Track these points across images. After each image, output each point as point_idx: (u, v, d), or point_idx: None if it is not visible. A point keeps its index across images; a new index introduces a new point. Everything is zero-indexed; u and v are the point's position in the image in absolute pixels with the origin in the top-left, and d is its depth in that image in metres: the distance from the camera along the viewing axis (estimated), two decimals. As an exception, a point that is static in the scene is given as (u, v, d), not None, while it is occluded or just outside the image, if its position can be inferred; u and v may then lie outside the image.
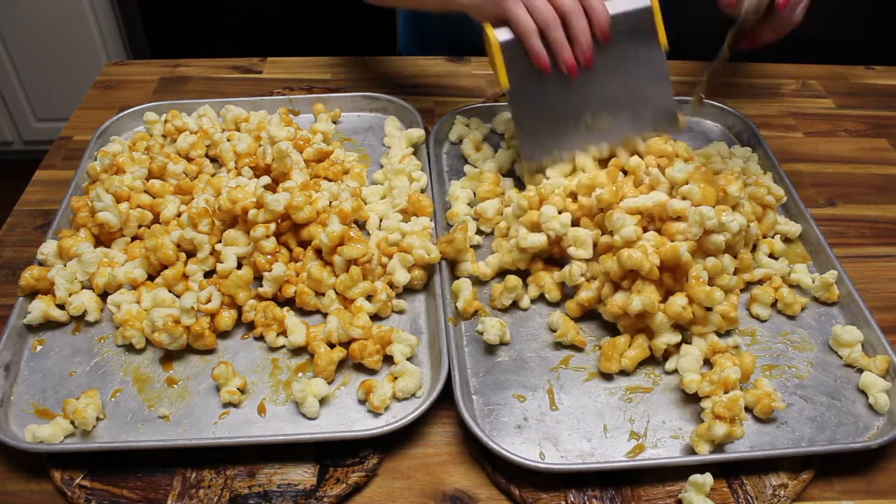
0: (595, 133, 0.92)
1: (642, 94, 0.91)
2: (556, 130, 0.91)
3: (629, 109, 0.91)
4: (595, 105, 0.90)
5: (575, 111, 0.90)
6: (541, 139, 0.91)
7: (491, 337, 0.78)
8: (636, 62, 0.88)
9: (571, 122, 0.91)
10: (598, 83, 0.88)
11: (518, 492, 0.68)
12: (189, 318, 0.77)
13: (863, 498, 0.70)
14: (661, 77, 0.91)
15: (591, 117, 0.91)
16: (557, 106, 0.89)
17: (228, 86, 1.21)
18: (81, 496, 0.67)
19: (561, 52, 0.83)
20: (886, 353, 0.77)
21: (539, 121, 0.90)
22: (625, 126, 0.92)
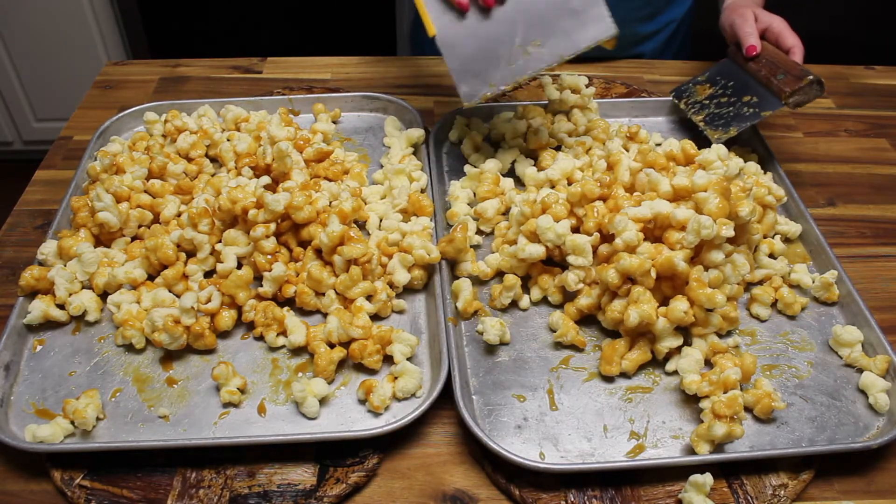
0: (530, 59, 0.89)
1: (568, 9, 0.89)
2: (491, 65, 0.89)
3: (558, 27, 0.89)
4: (523, 31, 0.89)
5: (504, 42, 0.89)
6: (476, 76, 0.89)
7: (491, 337, 0.78)
8: None
9: (504, 53, 0.89)
10: (521, 8, 0.88)
11: (518, 492, 0.68)
12: (189, 318, 0.77)
13: (863, 498, 0.70)
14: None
15: (522, 43, 0.89)
16: (487, 40, 0.89)
17: (228, 86, 1.21)
18: (81, 496, 0.67)
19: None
20: (886, 353, 0.77)
21: (472, 60, 0.89)
22: (558, 45, 0.89)
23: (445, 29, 0.89)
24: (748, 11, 1.04)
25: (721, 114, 1.02)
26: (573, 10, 0.89)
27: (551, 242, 0.82)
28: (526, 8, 0.88)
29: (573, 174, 0.94)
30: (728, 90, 1.04)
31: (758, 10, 1.05)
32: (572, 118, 1.07)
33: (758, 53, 1.01)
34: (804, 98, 0.96)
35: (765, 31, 1.03)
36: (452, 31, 0.89)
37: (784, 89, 0.95)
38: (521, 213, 0.87)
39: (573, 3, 0.89)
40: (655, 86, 1.21)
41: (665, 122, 1.12)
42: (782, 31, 1.02)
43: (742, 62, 1.04)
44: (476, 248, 0.91)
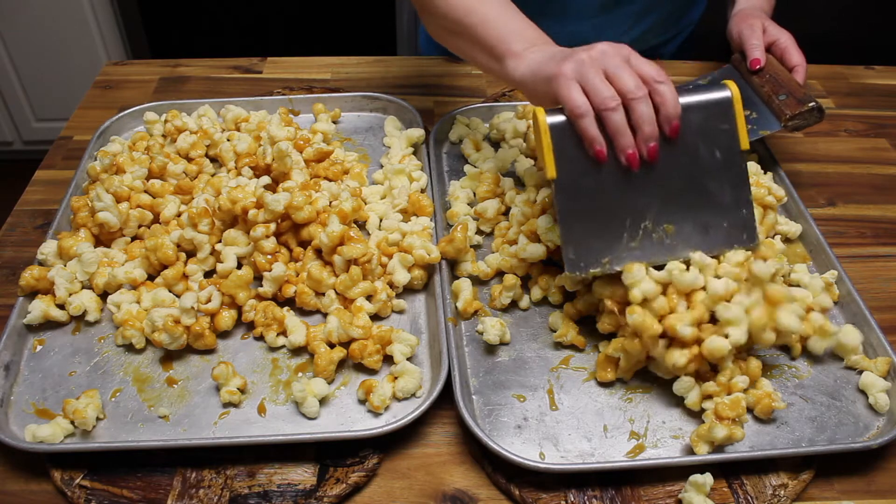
0: (655, 244, 0.75)
1: (715, 201, 0.75)
2: (609, 237, 0.75)
3: (699, 218, 0.75)
4: (657, 210, 0.75)
5: (633, 216, 0.75)
6: (590, 246, 0.75)
7: (491, 337, 0.78)
8: (710, 161, 0.74)
9: (629, 228, 0.75)
10: (662, 184, 0.74)
11: (518, 492, 0.68)
12: (189, 318, 0.77)
13: (863, 498, 0.70)
14: (738, 181, 0.75)
15: (653, 224, 0.75)
16: (612, 208, 0.74)
17: (228, 86, 1.21)
18: (81, 496, 0.67)
19: (620, 139, 0.71)
20: (887, 353, 0.77)
21: (589, 224, 0.74)
22: (692, 239, 0.76)
23: (569, 175, 0.73)
24: (757, 23, 1.04)
25: None
26: (719, 205, 0.75)
27: (551, 242, 0.82)
28: (668, 184, 0.74)
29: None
30: None
31: (767, 22, 1.05)
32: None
33: (762, 67, 1.01)
34: (804, 123, 0.96)
35: (771, 44, 1.03)
36: (576, 181, 0.73)
37: (785, 112, 0.95)
38: (522, 213, 0.86)
39: (722, 198, 0.75)
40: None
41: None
42: (788, 47, 1.01)
43: (745, 72, 1.03)
44: (476, 248, 0.91)
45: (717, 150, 0.74)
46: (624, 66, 0.71)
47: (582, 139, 0.72)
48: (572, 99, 0.71)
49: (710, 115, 0.74)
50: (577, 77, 0.71)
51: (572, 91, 0.71)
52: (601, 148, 0.71)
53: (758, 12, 1.08)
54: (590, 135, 0.71)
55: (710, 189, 0.75)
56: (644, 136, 0.71)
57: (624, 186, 0.74)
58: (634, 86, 0.70)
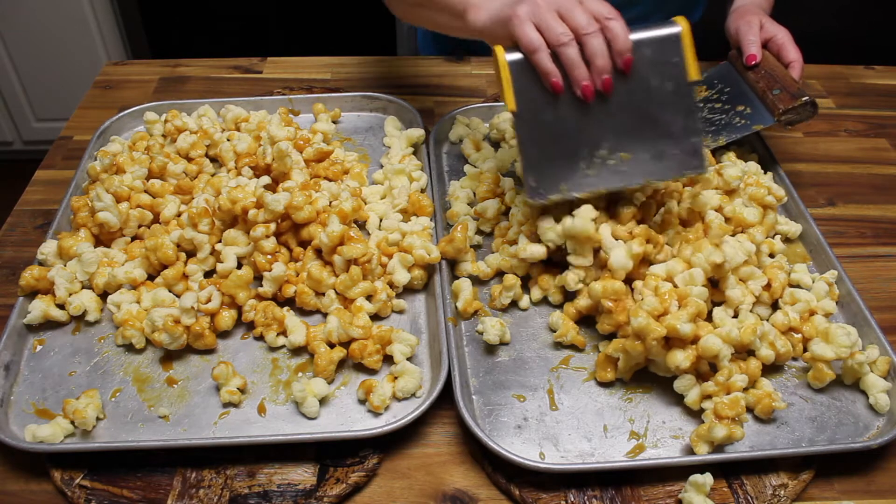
0: (611, 171, 0.80)
1: (667, 131, 0.79)
2: (567, 165, 0.79)
3: (651, 147, 0.80)
4: (613, 139, 0.79)
5: (590, 144, 0.79)
6: (549, 173, 0.79)
7: (491, 337, 0.78)
8: (662, 93, 0.78)
9: (585, 156, 0.79)
10: (617, 115, 0.78)
11: (518, 492, 0.68)
12: (189, 318, 0.77)
13: (863, 498, 0.70)
14: (689, 112, 0.79)
15: (609, 152, 0.79)
16: (570, 137, 0.79)
17: (228, 86, 1.21)
18: (81, 496, 0.67)
19: (574, 71, 0.75)
20: (887, 353, 0.77)
21: (548, 153, 0.79)
22: (645, 165, 0.80)
23: (528, 108, 0.77)
24: (755, 19, 1.04)
25: (713, 120, 1.02)
26: (671, 135, 0.79)
27: (552, 242, 0.82)
28: (622, 115, 0.78)
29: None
30: (723, 96, 1.04)
31: (764, 19, 1.05)
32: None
33: (757, 63, 1.01)
34: (797, 118, 0.96)
35: (768, 41, 1.03)
36: (535, 114, 0.78)
37: (778, 106, 0.95)
38: (522, 212, 0.86)
39: (674, 127, 0.79)
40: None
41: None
42: (785, 43, 1.02)
43: (741, 68, 1.04)
44: (476, 248, 0.91)
45: (668, 82, 0.78)
46: (576, 4, 0.75)
47: (538, 72, 0.76)
48: (526, 35, 0.75)
49: (660, 49, 0.77)
50: (532, 17, 0.75)
51: (526, 29, 0.75)
52: (557, 80, 0.75)
53: (756, 9, 1.08)
54: (545, 68, 0.75)
55: (662, 119, 0.79)
56: (597, 68, 0.75)
57: (580, 117, 0.78)
58: (586, 22, 0.74)
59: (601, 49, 0.74)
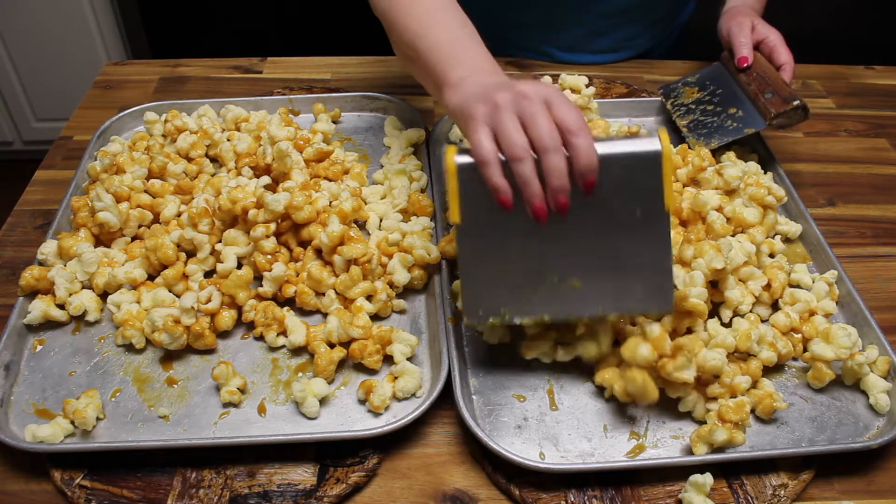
0: (561, 299, 0.71)
1: (631, 263, 0.70)
2: (512, 287, 0.71)
3: (610, 279, 0.71)
4: (566, 265, 0.70)
5: (538, 268, 0.70)
6: (490, 294, 0.72)
7: (491, 337, 0.78)
8: (629, 220, 0.69)
9: (531, 280, 0.71)
10: (572, 238, 0.69)
11: (518, 492, 0.68)
12: (189, 318, 0.77)
13: (863, 498, 0.70)
14: (659, 244, 0.70)
15: (559, 280, 0.71)
16: (517, 258, 0.70)
17: (228, 86, 1.21)
18: (81, 496, 0.67)
19: (526, 189, 0.66)
20: (887, 353, 0.77)
21: (491, 272, 0.71)
22: (601, 298, 0.71)
23: (473, 221, 0.69)
24: (746, 21, 1.04)
25: (705, 122, 1.02)
26: (634, 266, 0.70)
27: None
28: (579, 238, 0.69)
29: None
30: (715, 97, 1.04)
31: (756, 20, 1.05)
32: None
33: (749, 65, 1.01)
34: (788, 122, 0.96)
35: (760, 42, 1.04)
36: (481, 228, 0.69)
37: (770, 110, 0.96)
38: None
39: (639, 259, 0.70)
40: (655, 86, 1.21)
41: (664, 123, 1.12)
42: (777, 45, 1.02)
43: (733, 70, 1.04)
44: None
45: (639, 208, 0.68)
46: (541, 112, 0.66)
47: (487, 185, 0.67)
48: (478, 144, 0.67)
49: (634, 169, 0.67)
50: (490, 121, 0.67)
51: (481, 136, 0.67)
52: (506, 197, 0.67)
53: (748, 10, 1.08)
54: (494, 182, 0.66)
55: (626, 249, 0.70)
56: (552, 188, 0.66)
57: (531, 237, 0.69)
58: (547, 135, 0.65)
59: (559, 168, 0.65)
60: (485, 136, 0.67)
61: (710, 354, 0.71)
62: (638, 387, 0.70)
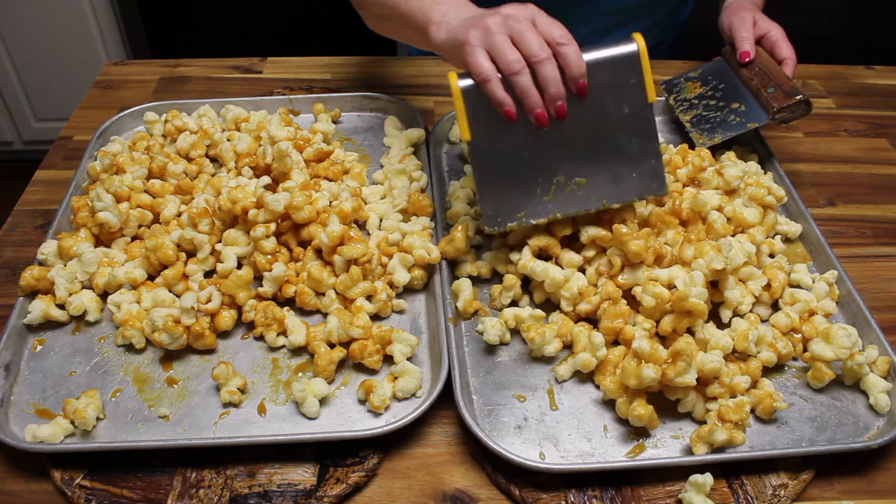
0: (568, 197, 0.80)
1: (624, 154, 0.79)
2: (524, 193, 0.79)
3: (609, 171, 0.79)
4: (569, 164, 0.78)
5: (546, 171, 0.79)
6: (506, 202, 0.79)
7: (491, 337, 0.78)
8: (619, 116, 0.77)
9: (541, 183, 0.79)
10: (572, 140, 0.77)
11: (518, 492, 0.68)
12: (189, 318, 0.77)
13: (863, 498, 0.70)
14: (647, 134, 0.78)
15: (565, 178, 0.79)
16: (526, 164, 0.78)
17: (228, 86, 1.21)
18: (81, 496, 0.67)
19: (527, 99, 0.73)
20: (887, 353, 0.77)
21: (504, 181, 0.79)
22: (603, 189, 0.80)
23: (483, 137, 0.76)
24: (748, 15, 1.04)
25: (708, 117, 1.02)
26: (628, 157, 0.79)
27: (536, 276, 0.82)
28: (577, 139, 0.77)
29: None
30: (718, 92, 1.04)
31: (757, 15, 1.05)
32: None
33: (751, 60, 1.01)
34: (791, 116, 0.96)
35: (762, 37, 1.03)
36: (490, 142, 0.77)
37: (772, 104, 0.95)
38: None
39: (631, 150, 0.79)
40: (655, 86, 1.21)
41: (665, 123, 1.12)
42: (778, 39, 1.02)
43: (735, 64, 1.04)
44: (476, 248, 0.91)
45: (626, 105, 0.77)
46: (529, 28, 0.73)
47: (490, 101, 0.74)
48: (477, 64, 0.73)
49: (617, 70, 0.76)
50: (483, 43, 0.73)
51: (478, 57, 0.73)
52: (510, 108, 0.74)
53: (749, 4, 1.08)
54: (497, 97, 0.73)
55: (619, 142, 0.78)
56: (551, 96, 0.73)
57: (536, 144, 0.77)
58: (538, 48, 0.72)
59: (554, 76, 0.72)
60: (482, 57, 0.73)
61: (708, 357, 0.71)
62: (644, 421, 0.71)
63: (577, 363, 0.76)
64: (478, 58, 0.73)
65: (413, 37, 0.89)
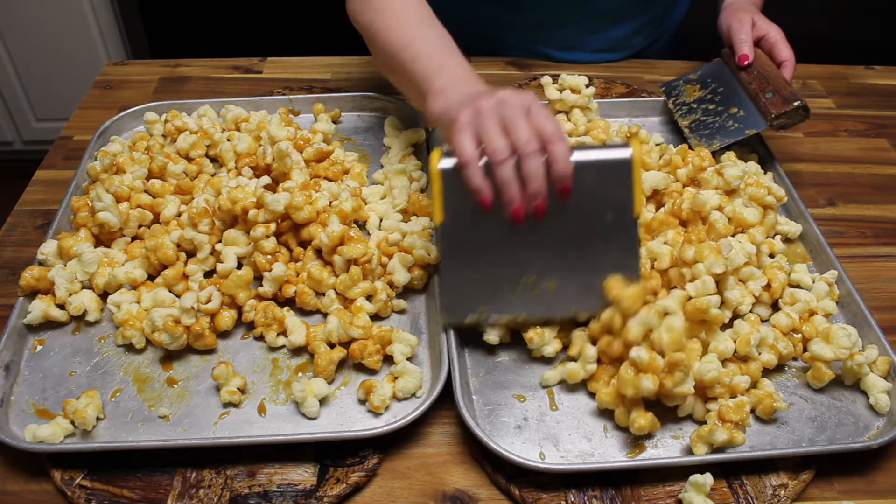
0: (536, 299, 0.75)
1: (601, 264, 0.74)
2: (489, 286, 0.75)
3: (581, 278, 0.74)
4: (541, 265, 0.74)
5: (515, 268, 0.74)
6: (468, 293, 0.75)
7: (491, 337, 0.78)
8: (601, 224, 0.72)
9: (509, 279, 0.74)
10: (548, 240, 0.72)
11: (518, 492, 0.68)
12: (189, 318, 0.77)
13: (863, 498, 0.70)
14: (627, 248, 0.74)
15: (535, 279, 0.74)
16: (495, 258, 0.74)
17: (228, 86, 1.21)
18: (81, 496, 0.67)
19: (505, 192, 0.69)
20: (886, 353, 0.77)
21: (469, 271, 0.74)
22: (573, 296, 0.75)
23: (454, 222, 0.72)
24: (747, 17, 1.04)
25: (707, 122, 1.02)
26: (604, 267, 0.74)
27: None
28: (553, 240, 0.72)
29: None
30: (717, 96, 1.04)
31: (757, 16, 1.05)
32: (572, 118, 1.07)
33: (750, 63, 1.01)
34: (789, 122, 0.96)
35: (761, 38, 1.03)
36: (461, 228, 0.72)
37: (771, 111, 0.95)
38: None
39: (608, 261, 0.74)
40: (655, 86, 1.21)
41: (664, 123, 1.12)
42: (777, 42, 1.01)
43: (734, 66, 1.04)
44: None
45: (610, 213, 0.72)
46: (521, 117, 0.68)
47: (467, 186, 0.69)
48: (461, 146, 0.69)
49: (605, 176, 0.71)
50: (473, 125, 0.70)
51: (463, 139, 0.69)
52: (486, 196, 0.69)
53: (748, 6, 1.08)
54: (474, 184, 0.69)
55: (597, 251, 0.73)
56: (531, 192, 0.69)
57: (509, 238, 0.72)
58: (527, 139, 0.67)
59: (537, 171, 0.68)
60: (467, 140, 0.69)
61: (706, 367, 0.71)
62: (646, 430, 0.70)
63: (566, 372, 0.75)
64: (463, 139, 0.69)
65: (414, 96, 0.88)
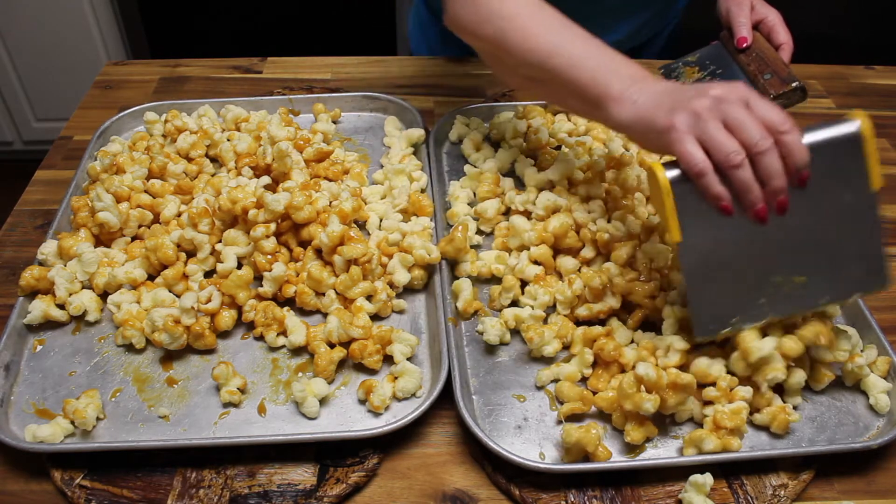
0: (784, 297, 0.71)
1: (846, 247, 0.70)
2: (738, 296, 0.71)
3: (829, 266, 0.70)
4: (787, 262, 0.70)
5: (762, 270, 0.70)
6: (719, 307, 0.71)
7: (491, 337, 0.78)
8: (840, 206, 0.69)
9: (757, 284, 0.70)
10: (790, 235, 0.69)
11: (518, 492, 0.68)
12: (189, 318, 0.77)
13: (863, 498, 0.70)
14: (871, 225, 0.70)
15: (784, 278, 0.70)
16: (740, 263, 0.70)
17: (228, 86, 1.21)
18: (81, 496, 0.67)
19: (748, 195, 0.65)
20: (886, 353, 0.77)
21: (717, 284, 0.70)
22: (823, 287, 0.71)
23: (693, 235, 0.68)
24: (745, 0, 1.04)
25: None
26: (851, 252, 0.70)
27: None
28: (795, 233, 0.69)
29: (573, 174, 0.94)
30: (716, 78, 1.03)
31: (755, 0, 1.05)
32: (572, 118, 1.07)
33: (748, 45, 1.01)
34: (787, 102, 0.96)
35: (759, 22, 1.03)
36: (701, 240, 0.68)
37: (769, 91, 0.95)
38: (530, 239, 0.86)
39: (853, 243, 0.70)
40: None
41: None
42: (776, 25, 1.01)
43: (732, 49, 1.04)
44: (476, 248, 0.91)
45: (847, 193, 0.69)
46: (745, 113, 0.65)
47: (704, 195, 0.66)
48: (690, 155, 0.65)
49: (838, 154, 0.68)
50: (694, 130, 0.66)
51: (689, 147, 0.65)
52: (728, 204, 0.66)
53: None
54: (714, 193, 0.66)
55: (840, 235, 0.70)
56: (773, 190, 0.65)
57: (751, 240, 0.69)
58: (760, 137, 0.64)
59: (777, 168, 0.64)
60: (693, 147, 0.65)
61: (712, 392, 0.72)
62: (638, 442, 0.70)
63: (562, 373, 0.75)
64: (689, 147, 0.65)
65: (578, 106, 0.80)
